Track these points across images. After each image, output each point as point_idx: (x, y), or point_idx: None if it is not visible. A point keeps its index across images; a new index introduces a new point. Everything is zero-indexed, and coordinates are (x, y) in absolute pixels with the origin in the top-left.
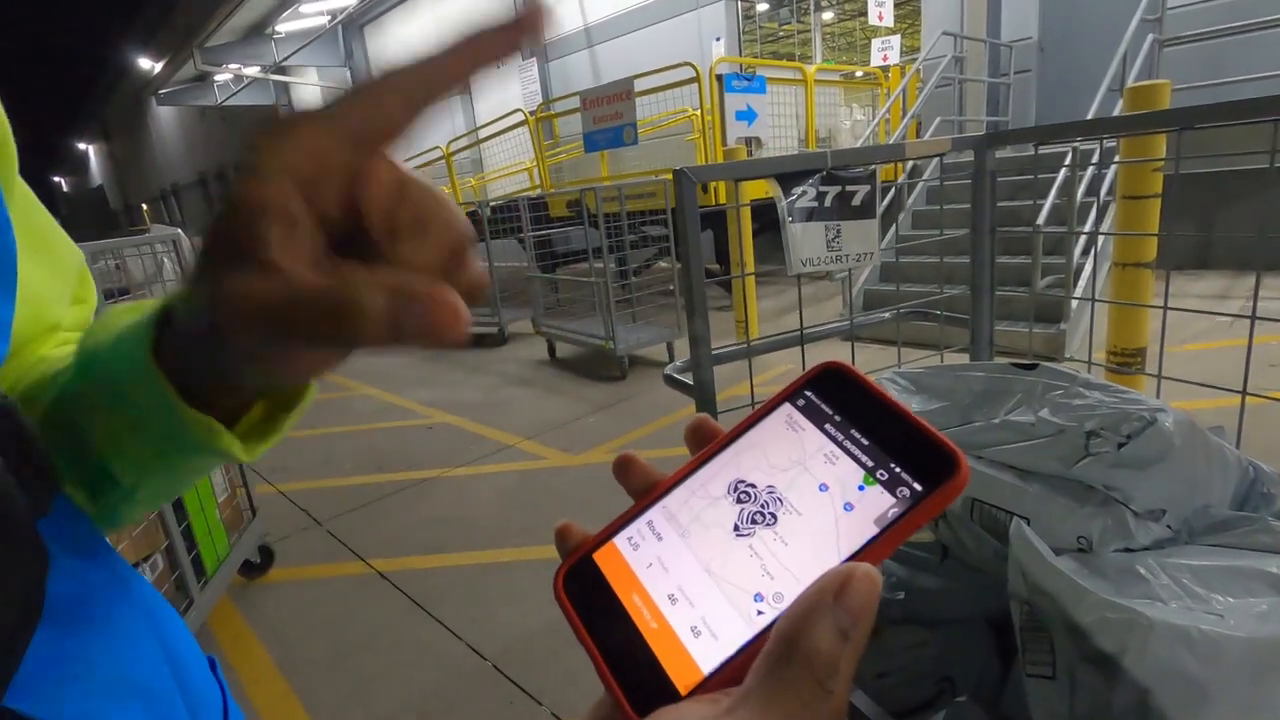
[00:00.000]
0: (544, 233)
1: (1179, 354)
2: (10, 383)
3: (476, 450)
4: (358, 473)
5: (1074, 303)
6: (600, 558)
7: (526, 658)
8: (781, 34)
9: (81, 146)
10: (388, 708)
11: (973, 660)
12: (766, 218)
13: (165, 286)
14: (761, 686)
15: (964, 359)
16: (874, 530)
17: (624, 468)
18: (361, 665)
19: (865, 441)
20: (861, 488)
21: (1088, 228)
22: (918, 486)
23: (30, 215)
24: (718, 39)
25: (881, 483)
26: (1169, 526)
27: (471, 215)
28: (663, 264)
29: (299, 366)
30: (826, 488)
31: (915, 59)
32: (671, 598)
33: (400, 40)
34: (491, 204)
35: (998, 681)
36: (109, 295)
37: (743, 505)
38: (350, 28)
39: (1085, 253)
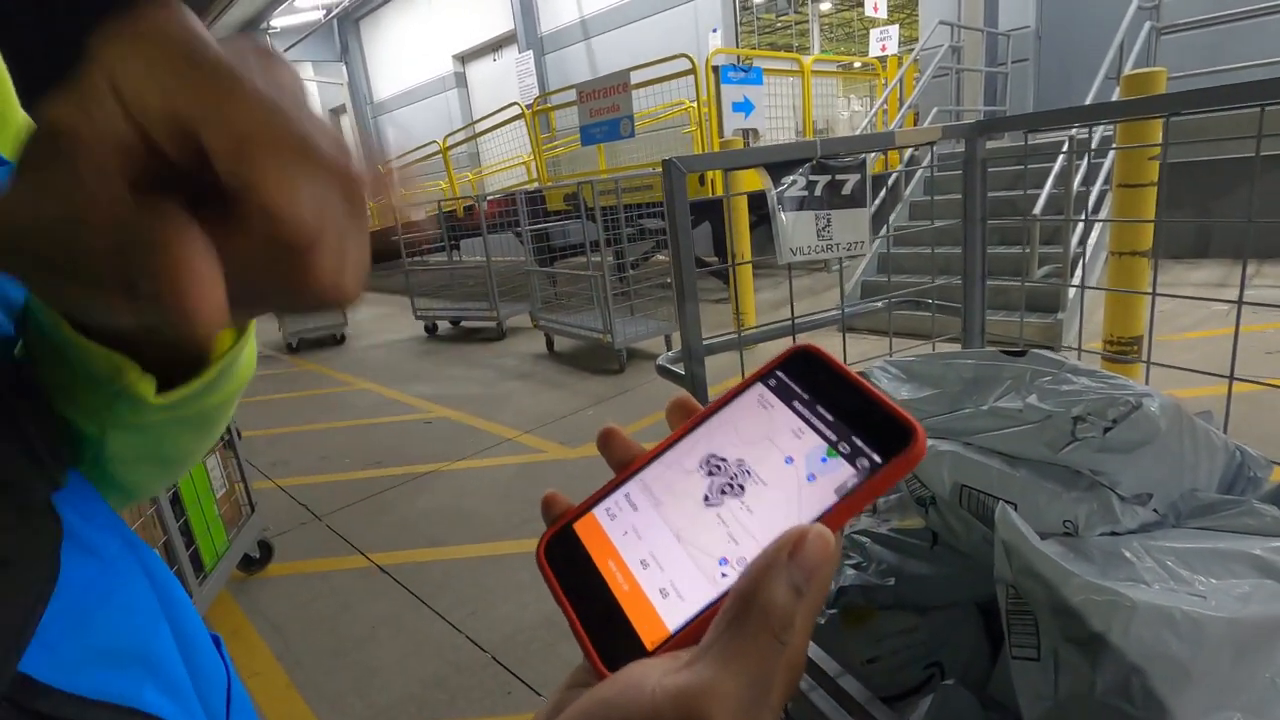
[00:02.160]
0: (541, 226)
1: (1176, 342)
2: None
3: (475, 444)
4: (356, 467)
5: (1071, 292)
6: (580, 527)
7: (525, 649)
8: (779, 25)
9: None
10: (388, 699)
11: (962, 645)
12: (764, 210)
13: None
14: (720, 639)
15: (957, 349)
16: (834, 498)
17: (606, 441)
18: (362, 658)
19: (830, 417)
20: (824, 459)
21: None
22: (876, 457)
23: None
24: (714, 30)
25: (843, 455)
26: (1155, 510)
27: (469, 210)
28: (660, 257)
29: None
30: (792, 460)
31: (914, 49)
32: (643, 563)
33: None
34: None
35: (987, 665)
36: None
37: (713, 477)
38: (345, 21)
39: (1082, 243)
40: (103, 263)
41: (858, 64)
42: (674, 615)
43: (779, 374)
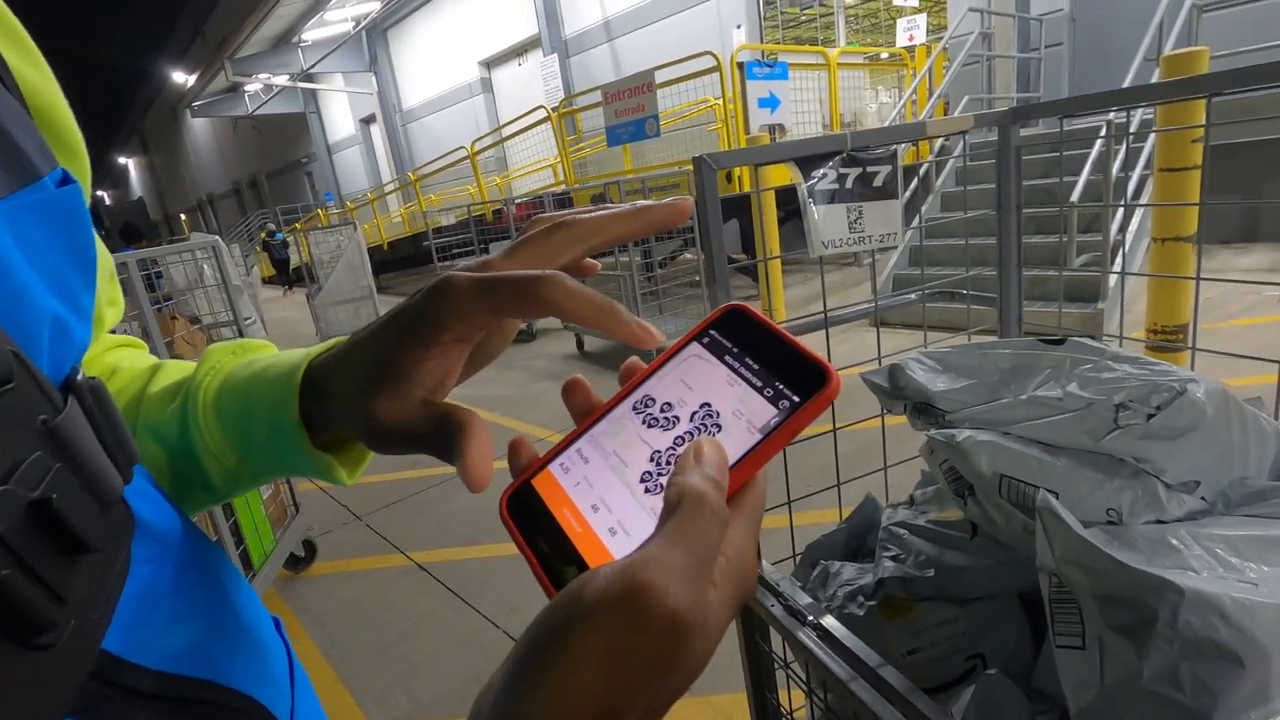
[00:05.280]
0: None
1: (1222, 331)
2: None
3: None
4: (394, 469)
5: (1112, 280)
6: (538, 483)
7: None
8: (803, 18)
9: (122, 161)
10: (430, 694)
11: (1004, 636)
12: (792, 205)
13: (206, 292)
14: (661, 528)
15: (992, 340)
16: (759, 436)
17: (570, 391)
18: (404, 653)
19: (756, 366)
20: (752, 404)
21: (1123, 202)
22: (795, 398)
23: None
24: (738, 26)
25: (767, 398)
26: (1203, 498)
27: (497, 214)
28: (688, 255)
29: None
30: (723, 407)
31: (942, 38)
32: (594, 507)
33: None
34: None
35: (1030, 656)
36: (154, 304)
37: (653, 429)
38: (374, 32)
39: (1122, 230)
40: (431, 430)
41: (885, 55)
42: (621, 549)
43: (712, 332)
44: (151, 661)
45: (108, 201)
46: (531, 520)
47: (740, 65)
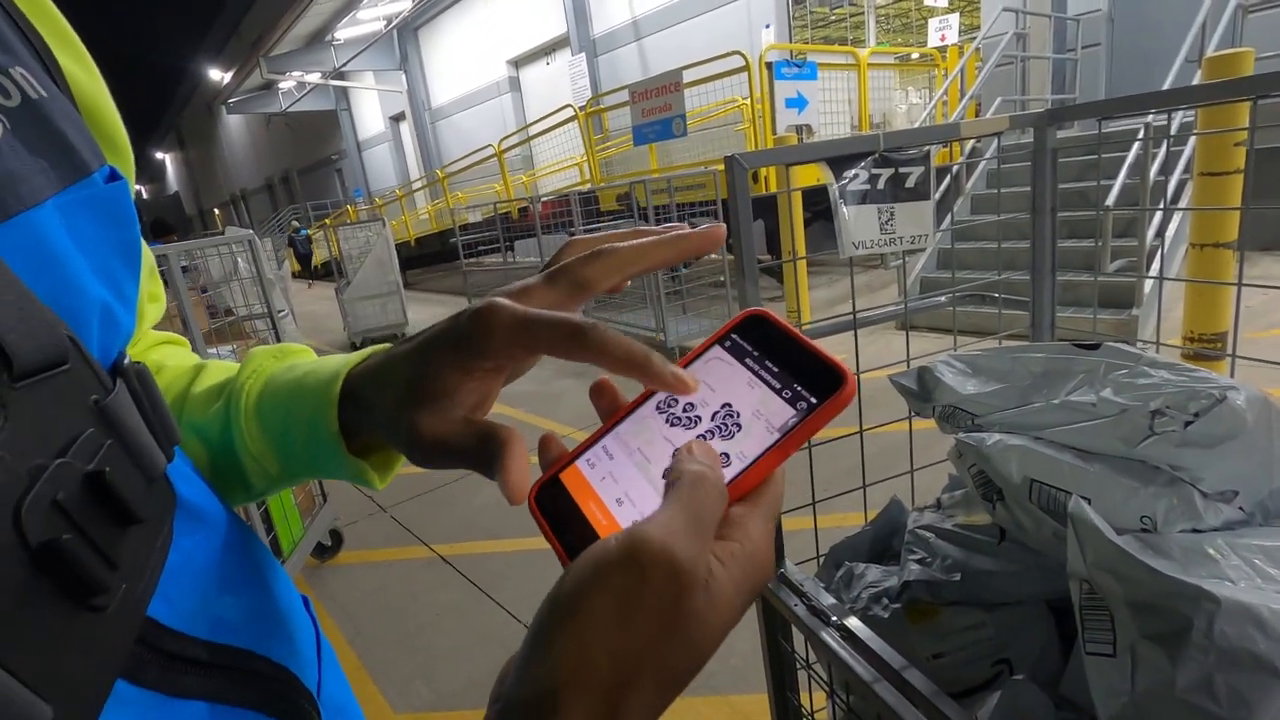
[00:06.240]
0: (595, 226)
1: (1264, 339)
2: None
3: (530, 441)
4: None
5: (1147, 286)
6: (566, 477)
7: None
8: (833, 18)
9: (159, 156)
10: (451, 685)
11: (1031, 642)
12: (818, 207)
13: (241, 285)
14: (665, 500)
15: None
16: (777, 435)
17: (599, 392)
18: (427, 644)
19: (776, 369)
20: (770, 405)
21: (1161, 206)
22: (813, 399)
23: None
24: (767, 26)
25: (785, 399)
26: (1241, 508)
27: (523, 211)
28: (712, 256)
29: None
30: (743, 407)
31: (975, 38)
32: (619, 501)
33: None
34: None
35: (1058, 663)
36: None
37: (674, 428)
38: (405, 31)
39: (1160, 234)
40: (475, 445)
41: (915, 55)
42: None
43: (734, 336)
44: (193, 630)
45: (145, 196)
46: (558, 512)
47: (769, 65)
